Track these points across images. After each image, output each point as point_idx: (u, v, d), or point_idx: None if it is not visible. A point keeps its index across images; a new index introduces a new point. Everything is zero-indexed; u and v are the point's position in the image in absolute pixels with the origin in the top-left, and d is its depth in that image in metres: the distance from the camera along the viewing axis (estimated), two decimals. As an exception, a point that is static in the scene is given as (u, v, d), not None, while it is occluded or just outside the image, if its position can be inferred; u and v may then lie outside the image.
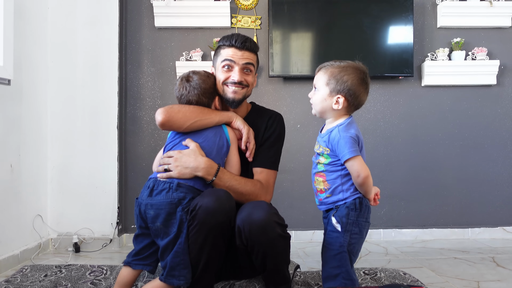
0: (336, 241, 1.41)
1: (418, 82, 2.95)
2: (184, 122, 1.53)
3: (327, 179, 1.44)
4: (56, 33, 2.68)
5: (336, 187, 1.44)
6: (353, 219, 1.41)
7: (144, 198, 1.47)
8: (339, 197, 1.44)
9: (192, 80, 1.60)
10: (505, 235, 2.93)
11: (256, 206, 1.44)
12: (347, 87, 1.40)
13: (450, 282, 1.98)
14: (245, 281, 1.72)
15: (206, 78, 1.63)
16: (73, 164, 2.68)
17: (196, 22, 2.85)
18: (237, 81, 1.61)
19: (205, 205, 1.38)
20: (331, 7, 2.81)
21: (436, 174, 2.94)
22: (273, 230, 1.41)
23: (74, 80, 2.69)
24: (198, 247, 1.43)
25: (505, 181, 2.96)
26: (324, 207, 1.49)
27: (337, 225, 1.40)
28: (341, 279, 1.38)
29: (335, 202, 1.44)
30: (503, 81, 2.96)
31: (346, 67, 1.43)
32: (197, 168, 1.48)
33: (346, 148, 1.37)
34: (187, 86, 1.59)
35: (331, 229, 1.43)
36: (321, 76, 1.44)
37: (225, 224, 1.42)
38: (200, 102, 1.60)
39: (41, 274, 1.99)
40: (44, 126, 2.64)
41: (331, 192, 1.45)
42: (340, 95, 1.42)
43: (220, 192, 1.43)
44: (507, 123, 2.96)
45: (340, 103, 1.42)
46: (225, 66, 1.62)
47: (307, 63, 2.81)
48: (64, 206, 2.68)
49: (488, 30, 2.95)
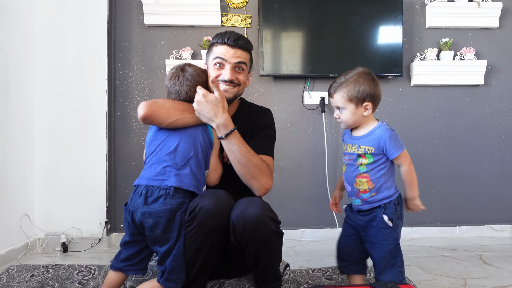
0: (389, 237, 1.50)
1: (407, 82, 2.97)
2: (166, 118, 1.49)
3: (372, 179, 1.52)
4: (44, 30, 2.64)
5: (381, 185, 1.52)
6: (399, 214, 1.53)
7: (139, 206, 1.42)
8: (384, 194, 1.52)
9: (186, 71, 1.56)
10: (492, 233, 2.97)
11: (251, 202, 1.43)
12: (368, 93, 1.51)
13: (438, 279, 2.00)
14: (235, 280, 1.71)
15: (200, 72, 1.60)
16: (61, 163, 2.65)
17: (186, 20, 2.83)
18: (228, 80, 1.59)
19: (206, 206, 1.37)
20: (321, 6, 2.81)
21: (425, 173, 2.97)
22: (268, 226, 1.42)
23: (62, 78, 2.66)
24: (196, 248, 1.41)
25: (492, 180, 3.00)
26: (368, 206, 1.54)
27: (389, 222, 1.49)
28: (397, 267, 1.50)
29: (381, 199, 1.52)
30: (490, 81, 3.00)
31: (356, 78, 1.52)
32: (215, 120, 1.49)
33: (397, 143, 1.52)
34: (180, 75, 1.55)
35: (382, 226, 1.50)
36: (340, 97, 1.53)
37: (225, 226, 1.41)
38: (191, 95, 1.54)
39: (27, 274, 1.96)
40: (31, 125, 2.60)
41: (376, 190, 1.52)
42: (366, 102, 1.52)
43: (220, 193, 1.43)
44: (494, 122, 3.00)
45: (369, 108, 1.53)
46: (216, 64, 1.60)
47: (297, 62, 2.82)
48: (52, 205, 2.64)
49: (476, 30, 2.99)
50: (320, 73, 2.82)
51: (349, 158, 1.57)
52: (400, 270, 1.50)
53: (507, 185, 3.00)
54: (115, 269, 1.50)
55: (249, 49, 1.66)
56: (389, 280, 1.48)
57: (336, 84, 1.54)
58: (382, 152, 1.51)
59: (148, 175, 1.47)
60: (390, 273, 1.49)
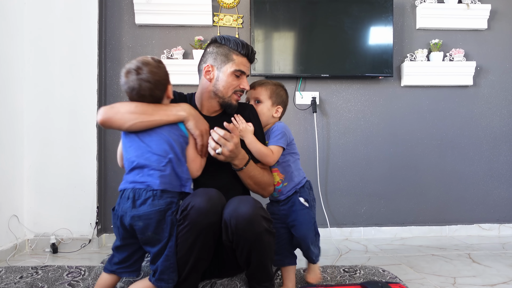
0: (309, 216, 1.71)
1: (397, 82, 2.99)
2: (122, 123, 1.46)
3: (281, 171, 1.74)
4: (33, 29, 2.61)
5: (291, 174, 1.73)
6: (312, 197, 1.78)
7: (127, 210, 1.41)
8: (295, 181, 1.74)
9: (142, 73, 1.45)
10: (481, 232, 3.00)
11: (243, 201, 1.44)
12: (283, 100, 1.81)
13: (428, 278, 2.02)
14: (227, 279, 1.71)
15: (157, 69, 1.49)
16: (51, 163, 2.62)
17: (177, 19, 2.82)
18: (247, 89, 1.72)
19: (198, 205, 1.38)
20: (312, 7, 2.82)
21: (415, 173, 2.99)
22: (260, 224, 1.43)
23: (52, 77, 2.63)
24: (188, 247, 1.42)
25: (480, 180, 3.04)
26: (284, 196, 1.74)
27: (305, 202, 1.71)
28: (318, 242, 1.76)
29: (294, 187, 1.73)
30: (479, 82, 3.04)
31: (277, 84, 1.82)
32: (237, 158, 1.55)
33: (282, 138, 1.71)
34: (136, 79, 1.45)
35: (300, 208, 1.71)
36: (264, 90, 1.79)
37: (216, 225, 1.42)
38: (154, 96, 1.48)
39: (16, 275, 1.94)
40: (20, 124, 2.57)
41: (287, 180, 1.73)
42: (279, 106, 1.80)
43: (212, 192, 1.43)
44: (483, 123, 3.04)
45: (279, 112, 1.81)
46: (237, 75, 1.66)
47: (289, 62, 2.82)
48: (41, 206, 2.62)
49: (465, 32, 3.02)
50: (312, 73, 2.83)
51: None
52: (318, 244, 1.75)
53: (495, 185, 3.04)
54: (108, 271, 1.49)
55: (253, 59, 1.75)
56: (314, 253, 1.71)
57: (262, 81, 1.80)
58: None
59: (132, 179, 1.44)
60: (315, 248, 1.72)
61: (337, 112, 2.96)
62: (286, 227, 1.72)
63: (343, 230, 2.92)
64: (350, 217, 2.96)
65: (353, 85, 2.96)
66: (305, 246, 1.69)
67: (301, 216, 1.68)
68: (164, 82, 1.51)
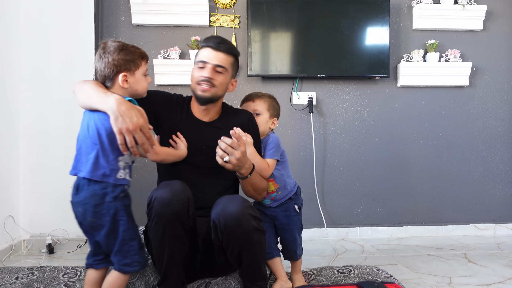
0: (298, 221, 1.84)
1: (394, 83, 3.00)
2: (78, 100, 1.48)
3: (276, 181, 1.80)
4: (29, 29, 2.60)
5: (284, 182, 1.81)
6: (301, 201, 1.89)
7: (72, 198, 1.44)
8: (288, 190, 1.82)
9: (101, 55, 1.43)
10: (477, 232, 3.02)
11: (231, 200, 1.45)
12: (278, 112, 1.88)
13: (424, 278, 2.03)
14: (221, 278, 1.71)
15: (119, 50, 1.42)
16: (47, 163, 2.61)
17: (174, 20, 2.82)
18: (206, 76, 1.61)
19: (160, 196, 1.41)
20: (309, 7, 2.82)
21: (411, 173, 3.00)
22: (248, 223, 1.43)
23: (48, 77, 2.62)
24: (159, 240, 1.45)
25: (476, 180, 3.05)
26: (277, 203, 1.81)
27: (298, 210, 1.85)
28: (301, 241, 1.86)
29: (286, 195, 1.81)
30: (475, 83, 3.05)
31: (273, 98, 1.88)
32: (244, 167, 1.56)
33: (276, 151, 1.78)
34: (96, 61, 1.44)
35: (293, 214, 1.82)
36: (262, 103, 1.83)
37: (182, 213, 1.42)
38: (102, 80, 1.46)
39: (12, 276, 1.93)
40: (16, 124, 2.56)
41: (281, 188, 1.81)
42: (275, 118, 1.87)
43: (174, 183, 1.45)
44: (479, 123, 3.05)
45: (275, 124, 1.88)
46: (199, 65, 1.64)
47: (286, 62, 2.82)
48: (37, 206, 2.61)
49: (461, 32, 3.03)
50: (308, 73, 2.83)
51: None
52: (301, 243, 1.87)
53: (491, 185, 3.06)
54: (88, 265, 1.51)
55: (232, 53, 1.68)
56: (299, 252, 1.83)
57: (259, 93, 1.85)
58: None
59: (74, 165, 1.46)
60: (299, 248, 1.84)
61: (334, 112, 2.97)
62: (272, 222, 1.82)
63: (340, 230, 2.93)
64: (347, 217, 2.96)
65: (350, 86, 2.97)
66: (293, 247, 1.82)
67: (293, 221, 1.81)
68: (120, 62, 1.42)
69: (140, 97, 1.53)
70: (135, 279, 1.72)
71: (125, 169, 1.45)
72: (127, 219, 1.41)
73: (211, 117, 1.73)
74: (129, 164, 1.47)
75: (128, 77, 1.44)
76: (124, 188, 1.43)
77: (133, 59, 1.44)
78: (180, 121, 1.70)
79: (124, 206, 1.41)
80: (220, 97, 1.71)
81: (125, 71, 1.43)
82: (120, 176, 1.43)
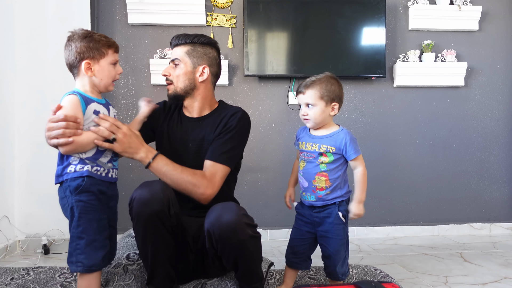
0: (343, 232, 1.64)
1: (390, 83, 3.01)
2: None
3: (330, 178, 1.61)
4: (24, 29, 2.59)
5: (336, 186, 1.62)
6: (348, 213, 1.64)
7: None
8: (337, 194, 1.63)
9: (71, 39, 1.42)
10: (472, 231, 3.03)
11: (225, 208, 1.42)
12: (337, 94, 1.62)
13: (420, 277, 2.03)
14: (217, 279, 1.71)
15: (82, 37, 1.40)
16: (43, 163, 2.59)
17: (170, 19, 2.81)
18: (162, 74, 1.68)
19: (138, 196, 1.42)
20: (306, 7, 2.83)
21: (407, 173, 3.01)
22: (244, 232, 1.41)
23: (44, 77, 2.60)
24: (141, 239, 1.47)
25: (472, 180, 3.06)
26: (321, 203, 1.62)
27: (343, 218, 1.62)
28: (347, 259, 1.68)
29: (333, 198, 1.62)
30: (471, 83, 3.07)
31: (327, 79, 1.62)
32: (138, 151, 1.49)
33: (356, 147, 1.61)
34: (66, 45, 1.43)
35: (337, 222, 1.61)
36: (313, 93, 1.60)
37: (161, 213, 1.42)
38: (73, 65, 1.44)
39: (7, 277, 1.92)
40: (11, 124, 2.54)
41: (331, 189, 1.61)
42: (334, 102, 1.62)
43: (153, 183, 1.45)
44: (474, 123, 3.07)
45: (336, 109, 1.63)
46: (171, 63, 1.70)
47: (282, 62, 2.83)
48: (32, 206, 2.59)
49: (456, 33, 3.05)
50: (305, 73, 2.83)
51: (309, 155, 1.64)
52: (347, 262, 1.69)
53: (486, 185, 3.07)
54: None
55: (186, 42, 1.66)
56: (341, 271, 1.64)
57: (309, 82, 1.62)
58: (342, 153, 1.61)
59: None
60: (342, 265, 1.65)
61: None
62: (313, 232, 1.67)
63: (336, 230, 2.93)
64: (343, 217, 2.96)
65: (346, 86, 2.97)
66: (333, 261, 1.63)
67: (335, 230, 1.61)
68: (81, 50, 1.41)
69: (108, 89, 1.49)
70: (131, 280, 1.72)
71: (82, 162, 1.40)
72: (78, 216, 1.37)
73: (199, 113, 1.71)
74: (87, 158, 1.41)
75: (92, 65, 1.42)
76: (80, 183, 1.36)
77: (97, 47, 1.42)
78: (175, 123, 1.72)
79: (78, 202, 1.36)
80: (189, 90, 1.66)
81: (88, 58, 1.41)
82: (70, 170, 1.40)
